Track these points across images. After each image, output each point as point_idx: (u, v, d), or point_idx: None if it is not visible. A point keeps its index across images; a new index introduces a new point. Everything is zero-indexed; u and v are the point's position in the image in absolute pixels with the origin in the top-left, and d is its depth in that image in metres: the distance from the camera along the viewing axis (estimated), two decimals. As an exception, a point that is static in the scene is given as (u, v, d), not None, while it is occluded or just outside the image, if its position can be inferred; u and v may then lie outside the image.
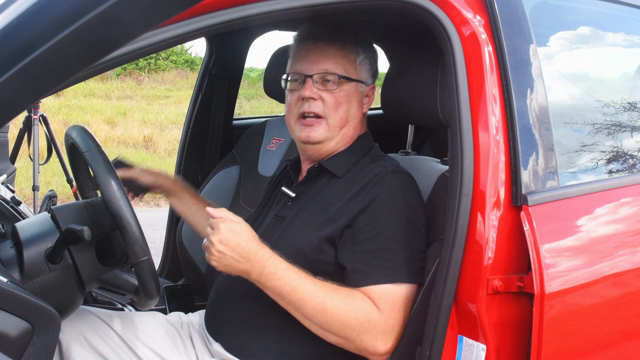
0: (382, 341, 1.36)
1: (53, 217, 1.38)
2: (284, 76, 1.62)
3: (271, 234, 1.56)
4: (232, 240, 1.34)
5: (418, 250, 1.44)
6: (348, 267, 1.42)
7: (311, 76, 1.54)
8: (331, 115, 1.54)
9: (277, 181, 1.77)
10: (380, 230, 1.42)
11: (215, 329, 1.60)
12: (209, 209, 1.39)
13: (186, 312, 1.76)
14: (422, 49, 1.66)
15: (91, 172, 1.43)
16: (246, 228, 1.38)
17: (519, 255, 1.32)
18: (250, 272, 1.36)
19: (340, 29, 1.59)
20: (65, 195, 6.14)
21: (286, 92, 1.62)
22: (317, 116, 1.54)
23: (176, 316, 1.71)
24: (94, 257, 1.37)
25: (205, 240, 1.39)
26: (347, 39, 1.58)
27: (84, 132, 1.40)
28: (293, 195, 1.60)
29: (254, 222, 1.71)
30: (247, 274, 1.37)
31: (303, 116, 1.55)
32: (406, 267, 1.40)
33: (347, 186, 1.51)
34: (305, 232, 1.49)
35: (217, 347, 1.56)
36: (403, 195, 1.46)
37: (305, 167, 1.64)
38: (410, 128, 1.84)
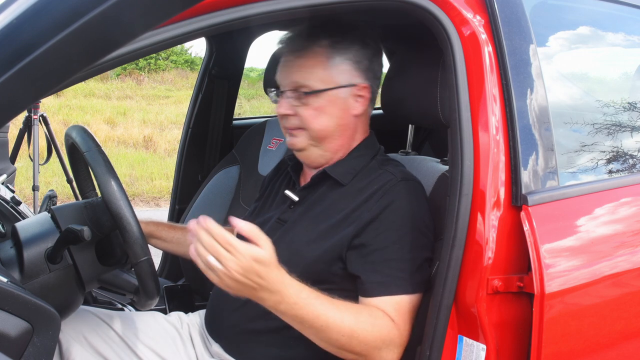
0: (396, 353, 1.35)
1: (53, 217, 1.38)
2: (270, 88, 1.61)
3: (272, 238, 1.55)
4: (254, 271, 1.17)
5: (428, 259, 1.43)
6: (362, 277, 1.40)
7: (284, 92, 1.52)
8: (309, 128, 1.51)
9: (274, 180, 1.75)
10: (393, 240, 1.40)
11: (215, 330, 1.60)
12: (235, 221, 1.20)
13: (186, 312, 1.76)
14: (422, 49, 1.66)
15: (91, 172, 1.43)
16: (271, 255, 1.20)
17: (519, 255, 1.32)
18: (264, 299, 1.23)
19: (314, 32, 1.52)
20: (65, 195, 6.14)
21: None
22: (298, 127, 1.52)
23: (176, 316, 1.71)
24: (94, 257, 1.37)
25: (209, 257, 1.17)
26: (321, 44, 1.50)
27: (84, 132, 1.40)
28: (296, 199, 1.57)
29: (251, 221, 1.69)
30: (262, 302, 1.24)
31: None
32: (417, 277, 1.40)
33: (354, 193, 1.48)
34: (309, 240, 1.46)
35: (217, 347, 1.56)
36: (414, 204, 1.44)
37: (308, 173, 1.62)
38: (410, 128, 1.84)
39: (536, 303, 1.25)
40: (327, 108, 1.50)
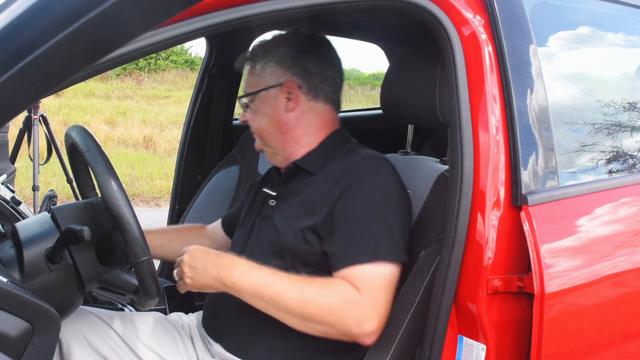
0: (366, 322, 1.34)
1: (53, 217, 1.38)
2: None
3: (259, 235, 1.59)
4: (200, 254, 1.44)
5: (399, 230, 1.44)
6: (329, 252, 1.44)
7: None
8: (252, 129, 1.66)
9: (260, 183, 1.79)
10: (358, 213, 1.43)
11: (214, 329, 1.60)
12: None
13: (186, 312, 1.76)
14: (422, 49, 1.66)
15: (91, 172, 1.43)
16: (198, 247, 1.48)
17: (519, 255, 1.32)
18: (223, 276, 1.40)
19: (254, 47, 1.66)
20: (65, 195, 6.15)
21: None
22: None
23: (176, 316, 1.72)
24: (94, 257, 1.37)
25: (175, 271, 1.47)
26: (254, 52, 1.65)
27: (84, 132, 1.40)
28: (274, 194, 1.62)
29: (240, 226, 1.72)
30: (220, 280, 1.40)
31: None
32: (385, 247, 1.40)
33: (325, 178, 1.53)
34: (289, 225, 1.51)
35: (217, 347, 1.56)
36: (378, 177, 1.48)
37: (282, 170, 1.68)
38: (410, 128, 1.84)
39: (536, 303, 1.25)
40: (260, 108, 1.62)
